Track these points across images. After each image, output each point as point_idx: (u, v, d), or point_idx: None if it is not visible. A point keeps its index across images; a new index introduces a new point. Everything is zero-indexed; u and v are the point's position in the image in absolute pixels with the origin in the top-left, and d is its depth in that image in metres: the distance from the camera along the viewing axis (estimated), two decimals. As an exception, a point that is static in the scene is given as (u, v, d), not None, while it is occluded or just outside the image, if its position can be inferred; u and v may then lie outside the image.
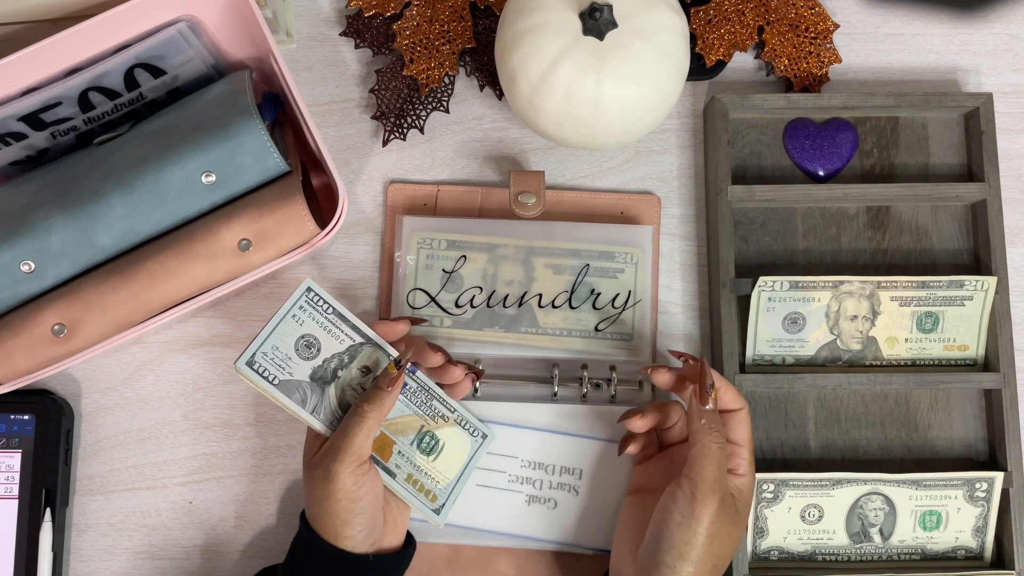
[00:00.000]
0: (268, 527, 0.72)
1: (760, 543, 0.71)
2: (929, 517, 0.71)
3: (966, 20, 0.79)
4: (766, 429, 0.73)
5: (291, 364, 0.62)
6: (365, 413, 0.60)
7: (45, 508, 0.69)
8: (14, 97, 0.63)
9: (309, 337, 0.63)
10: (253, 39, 0.67)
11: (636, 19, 0.64)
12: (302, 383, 0.62)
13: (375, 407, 0.60)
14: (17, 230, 0.63)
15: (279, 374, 0.62)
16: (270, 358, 0.62)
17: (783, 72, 0.76)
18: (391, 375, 0.62)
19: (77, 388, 0.73)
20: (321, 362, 0.63)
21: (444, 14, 0.75)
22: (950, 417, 0.73)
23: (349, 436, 0.60)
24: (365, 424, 0.60)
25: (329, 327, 0.63)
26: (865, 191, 0.74)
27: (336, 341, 0.63)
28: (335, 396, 0.63)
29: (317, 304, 0.63)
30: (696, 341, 0.75)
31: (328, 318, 0.63)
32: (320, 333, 0.63)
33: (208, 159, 0.62)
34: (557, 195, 0.75)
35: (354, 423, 0.60)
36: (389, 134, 0.75)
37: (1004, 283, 0.72)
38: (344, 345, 0.63)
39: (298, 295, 0.63)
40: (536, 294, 0.72)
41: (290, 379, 0.62)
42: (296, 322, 0.62)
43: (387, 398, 0.61)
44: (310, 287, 0.63)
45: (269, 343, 0.62)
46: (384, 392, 0.61)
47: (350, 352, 0.63)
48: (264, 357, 0.61)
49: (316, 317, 0.63)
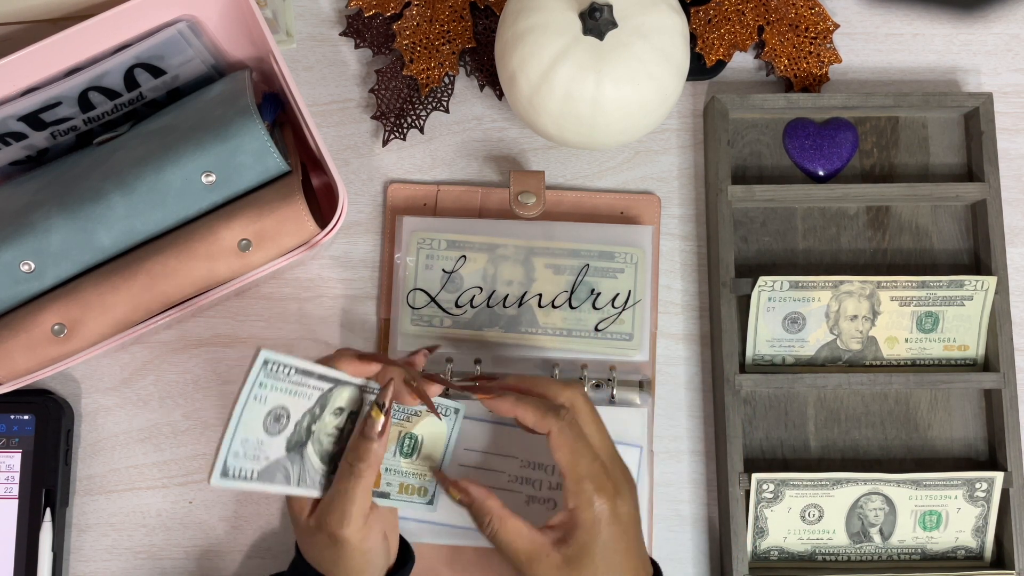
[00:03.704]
0: (268, 527, 0.72)
1: (760, 543, 0.71)
2: (929, 517, 0.71)
3: (966, 20, 0.79)
4: (766, 429, 0.73)
5: (264, 448, 0.55)
6: (361, 472, 0.55)
7: (45, 508, 0.69)
8: (14, 97, 0.63)
9: (276, 410, 0.55)
10: (253, 39, 0.67)
11: (636, 19, 0.64)
12: (280, 460, 0.56)
13: (368, 462, 0.55)
14: (17, 230, 0.63)
15: (255, 465, 0.54)
16: (242, 455, 0.54)
17: (783, 72, 0.76)
18: (376, 422, 0.56)
19: (77, 388, 0.73)
20: (293, 428, 0.56)
21: (444, 14, 0.75)
22: (950, 417, 0.73)
23: (350, 499, 0.55)
24: (362, 482, 0.56)
25: (294, 390, 0.55)
26: (865, 191, 0.74)
27: (304, 400, 0.56)
28: (315, 454, 0.57)
29: (277, 373, 0.54)
30: (696, 341, 0.75)
31: (291, 380, 0.55)
32: (287, 400, 0.55)
33: (208, 159, 0.62)
34: (557, 195, 0.75)
35: (352, 484, 0.55)
36: (389, 134, 0.75)
37: (1004, 283, 0.72)
38: (313, 400, 0.57)
39: (255, 373, 0.53)
40: (536, 294, 0.72)
41: (268, 463, 0.55)
42: (259, 402, 0.54)
43: (379, 448, 0.56)
44: (267, 359, 0.53)
45: (237, 440, 0.53)
46: (373, 442, 0.56)
47: (320, 402, 0.57)
48: (236, 458, 0.53)
49: (279, 386, 0.54)
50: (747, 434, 0.73)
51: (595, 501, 0.56)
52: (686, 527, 0.73)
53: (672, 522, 0.73)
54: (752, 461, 0.72)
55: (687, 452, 0.74)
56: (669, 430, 0.74)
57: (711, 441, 0.74)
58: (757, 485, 0.70)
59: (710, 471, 0.73)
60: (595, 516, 0.56)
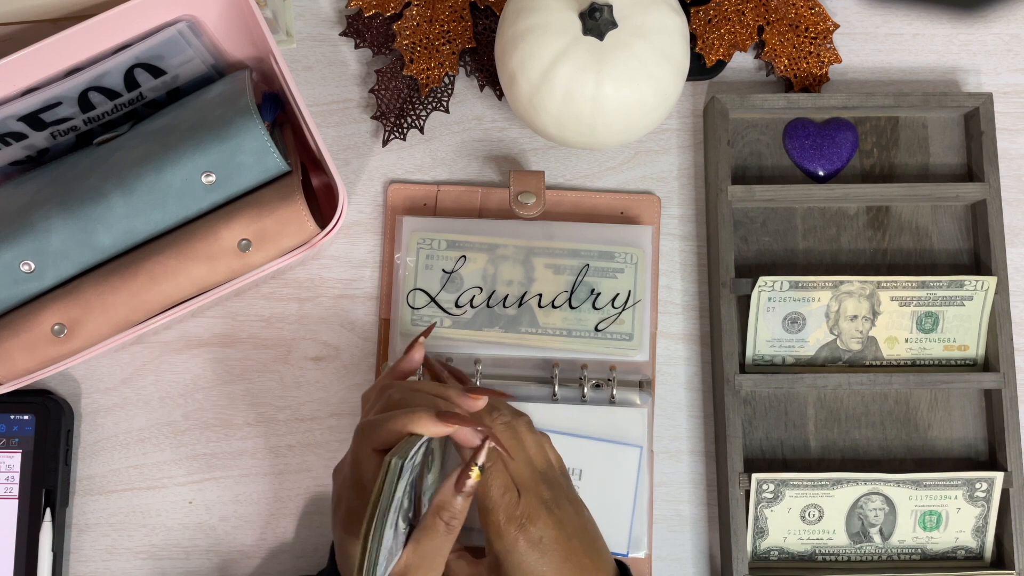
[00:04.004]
0: (268, 527, 0.72)
1: (760, 543, 0.71)
2: (929, 517, 0.71)
3: (966, 20, 0.79)
4: (766, 429, 0.73)
5: (388, 541, 0.51)
6: (454, 529, 0.53)
7: (45, 508, 0.69)
8: (14, 97, 0.63)
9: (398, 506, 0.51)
10: (253, 39, 0.67)
11: (636, 19, 0.64)
12: (393, 541, 0.52)
13: (461, 519, 0.54)
14: (17, 230, 0.63)
15: (385, 562, 0.51)
16: (383, 566, 0.50)
17: (783, 72, 0.76)
18: (476, 482, 0.53)
19: (77, 388, 0.73)
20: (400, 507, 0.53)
21: (444, 14, 0.75)
22: (950, 417, 0.73)
23: (442, 556, 0.53)
24: (453, 537, 0.54)
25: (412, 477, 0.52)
26: (865, 191, 0.74)
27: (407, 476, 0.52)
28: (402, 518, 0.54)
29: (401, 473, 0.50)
30: (696, 341, 0.75)
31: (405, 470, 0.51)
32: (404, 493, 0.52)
33: (208, 159, 0.62)
34: (557, 195, 0.75)
35: (445, 542, 0.53)
36: (389, 134, 0.75)
37: (1004, 283, 0.72)
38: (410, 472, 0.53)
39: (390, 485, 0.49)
40: (536, 294, 0.72)
41: (389, 550, 0.51)
42: (393, 510, 0.50)
43: (468, 503, 0.54)
44: (397, 465, 0.49)
45: (381, 561, 0.49)
46: (468, 500, 0.54)
47: (414, 471, 0.54)
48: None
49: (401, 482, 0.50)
50: (747, 434, 0.73)
51: (505, 532, 0.55)
52: (686, 527, 0.73)
53: (672, 522, 0.73)
54: (752, 461, 0.72)
55: (687, 452, 0.74)
56: (669, 430, 0.74)
57: (711, 441, 0.74)
58: (757, 485, 0.70)
59: (710, 471, 0.73)
60: (506, 547, 0.55)
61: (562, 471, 0.61)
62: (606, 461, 0.69)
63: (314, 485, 0.72)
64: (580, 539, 0.57)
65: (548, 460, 0.60)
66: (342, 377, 0.73)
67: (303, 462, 0.73)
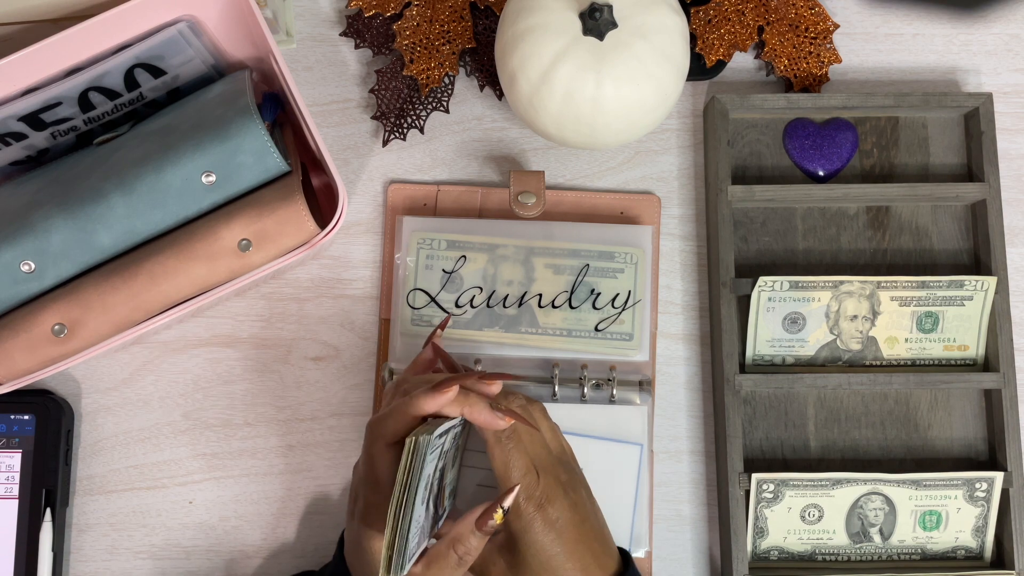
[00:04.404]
0: (268, 527, 0.72)
1: (760, 543, 0.71)
2: (929, 517, 0.71)
3: (966, 20, 0.79)
4: (766, 429, 0.73)
5: (417, 522, 0.51)
6: (467, 563, 0.54)
7: (45, 508, 0.69)
8: (14, 97, 0.63)
9: (426, 482, 0.51)
10: (253, 39, 0.67)
11: (636, 19, 0.64)
12: (423, 521, 0.52)
13: (475, 555, 0.54)
14: (17, 230, 0.63)
15: (415, 541, 0.51)
16: (413, 545, 0.51)
17: (783, 72, 0.76)
18: (499, 524, 0.54)
19: (77, 388, 0.73)
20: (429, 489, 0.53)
21: (444, 14, 0.75)
22: (950, 417, 0.73)
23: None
24: (463, 570, 0.54)
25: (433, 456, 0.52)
26: (865, 191, 0.74)
27: (433, 459, 0.53)
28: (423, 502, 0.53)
29: (427, 450, 0.50)
30: (696, 341, 0.75)
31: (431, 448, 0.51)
32: (429, 468, 0.52)
33: (208, 159, 0.62)
34: (557, 195, 0.75)
35: (454, 574, 0.54)
36: (389, 134, 0.75)
37: (1004, 283, 0.72)
38: (437, 455, 0.53)
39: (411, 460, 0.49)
40: (536, 294, 0.72)
41: (419, 531, 0.52)
42: (423, 486, 0.50)
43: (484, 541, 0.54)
44: (419, 442, 0.49)
45: (411, 538, 0.50)
46: (485, 539, 0.54)
47: (442, 454, 0.55)
48: (409, 554, 0.50)
49: (429, 458, 0.51)
50: (747, 434, 0.73)
51: (524, 511, 0.56)
52: (686, 527, 0.73)
53: (672, 522, 0.73)
54: (752, 461, 0.72)
55: (687, 452, 0.74)
56: (669, 430, 0.74)
57: (711, 441, 0.74)
58: (757, 485, 0.70)
59: (710, 471, 0.73)
60: (523, 526, 0.56)
61: (573, 458, 0.62)
62: (607, 459, 0.69)
63: (315, 485, 0.73)
64: (591, 523, 0.58)
65: (562, 446, 0.61)
66: (342, 377, 0.73)
67: (303, 462, 0.73)
